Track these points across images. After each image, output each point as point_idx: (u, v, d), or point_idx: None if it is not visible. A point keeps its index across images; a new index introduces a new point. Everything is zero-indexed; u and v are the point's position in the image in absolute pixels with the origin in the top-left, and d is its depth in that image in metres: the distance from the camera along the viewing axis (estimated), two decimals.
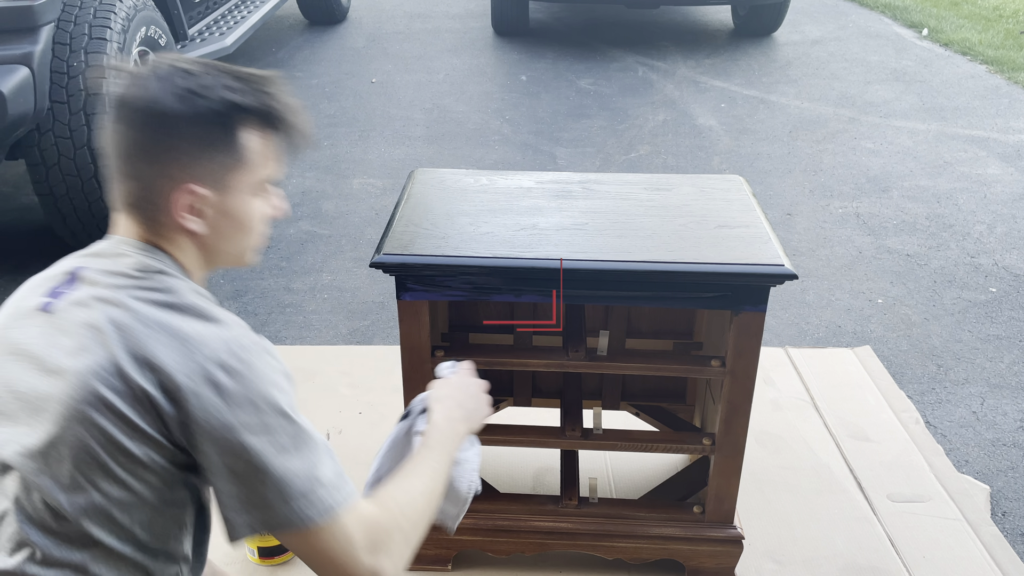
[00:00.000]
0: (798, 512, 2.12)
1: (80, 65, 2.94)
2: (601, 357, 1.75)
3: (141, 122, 1.07)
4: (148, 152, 1.07)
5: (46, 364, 1.04)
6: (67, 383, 1.01)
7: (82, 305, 1.05)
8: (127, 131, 1.07)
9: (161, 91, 1.06)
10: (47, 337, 1.05)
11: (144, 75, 1.07)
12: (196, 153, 1.07)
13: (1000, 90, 5.28)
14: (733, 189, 1.89)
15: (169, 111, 1.06)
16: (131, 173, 1.09)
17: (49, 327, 1.06)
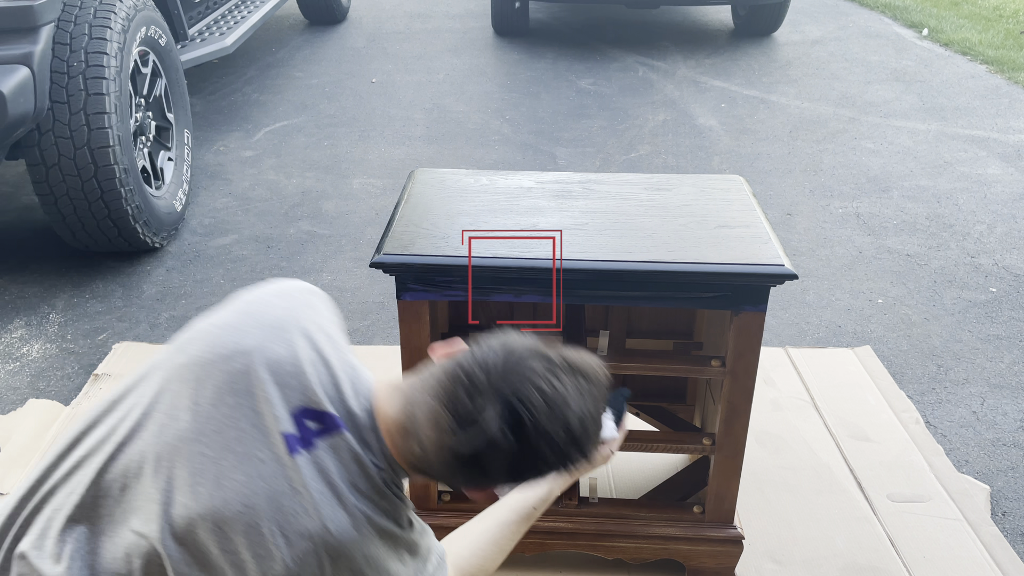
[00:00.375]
0: (798, 512, 2.12)
1: (80, 65, 2.94)
2: (601, 357, 1.75)
3: (493, 470, 1.03)
4: (474, 481, 1.07)
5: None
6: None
7: (323, 484, 1.05)
8: (469, 469, 1.04)
9: (524, 465, 1.03)
10: (274, 480, 1.04)
11: (506, 442, 1.01)
12: (514, 484, 1.09)
13: (1000, 90, 5.28)
14: (733, 189, 1.89)
15: (492, 474, 1.04)
16: (440, 473, 1.06)
17: (284, 476, 1.04)
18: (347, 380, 1.11)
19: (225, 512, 1.02)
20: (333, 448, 1.06)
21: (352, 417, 1.09)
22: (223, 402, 1.06)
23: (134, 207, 3.12)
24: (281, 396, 1.06)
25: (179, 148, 3.67)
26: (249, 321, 1.12)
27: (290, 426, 1.05)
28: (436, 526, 1.88)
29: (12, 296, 3.13)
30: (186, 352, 1.10)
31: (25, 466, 2.26)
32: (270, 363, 1.07)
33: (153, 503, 1.04)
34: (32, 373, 2.71)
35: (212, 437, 1.04)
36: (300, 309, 1.15)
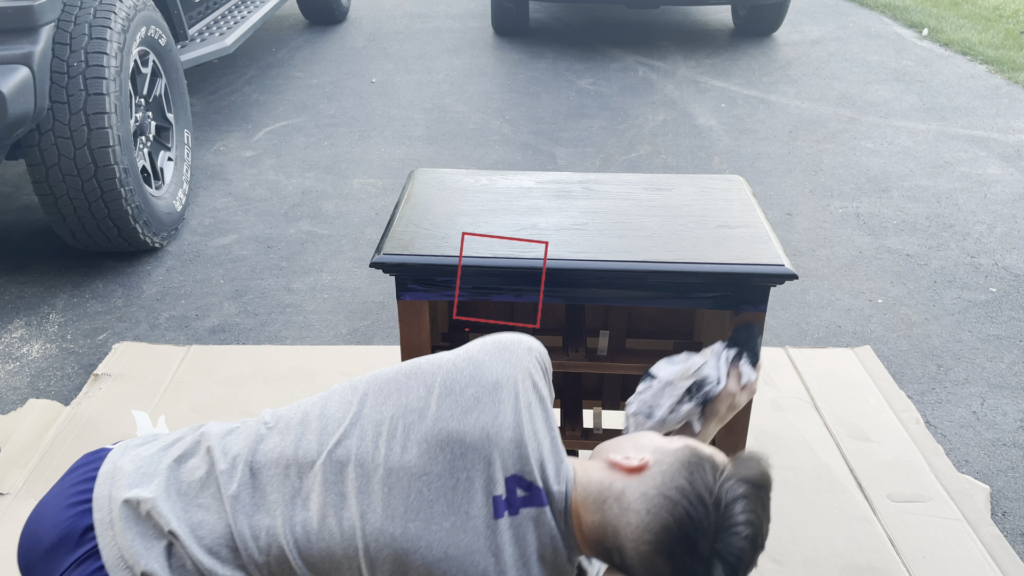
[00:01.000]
0: (798, 512, 2.12)
1: (80, 65, 2.94)
2: (601, 357, 1.75)
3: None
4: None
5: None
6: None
7: (516, 552, 1.12)
8: (646, 569, 1.11)
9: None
10: (474, 542, 1.11)
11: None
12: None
13: (1000, 90, 5.28)
14: (733, 189, 1.89)
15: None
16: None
17: (485, 537, 1.11)
18: (553, 462, 1.17)
19: (426, 555, 1.09)
20: (534, 520, 1.13)
21: (553, 498, 1.15)
22: (450, 450, 1.13)
23: (134, 207, 3.12)
24: (500, 459, 1.14)
25: (179, 148, 3.67)
26: (480, 369, 1.21)
27: (502, 490, 1.13)
28: None
29: (12, 296, 3.13)
30: (438, 416, 1.17)
31: (25, 466, 2.26)
32: (495, 425, 1.15)
33: (359, 520, 1.12)
34: (32, 373, 2.71)
35: (434, 480, 1.12)
36: (533, 373, 1.23)
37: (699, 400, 1.41)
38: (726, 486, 1.11)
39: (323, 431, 1.18)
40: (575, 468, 1.19)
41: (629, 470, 1.16)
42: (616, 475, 1.16)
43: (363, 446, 1.15)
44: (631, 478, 1.15)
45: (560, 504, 1.15)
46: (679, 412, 1.42)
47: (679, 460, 1.14)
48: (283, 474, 1.15)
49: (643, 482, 1.13)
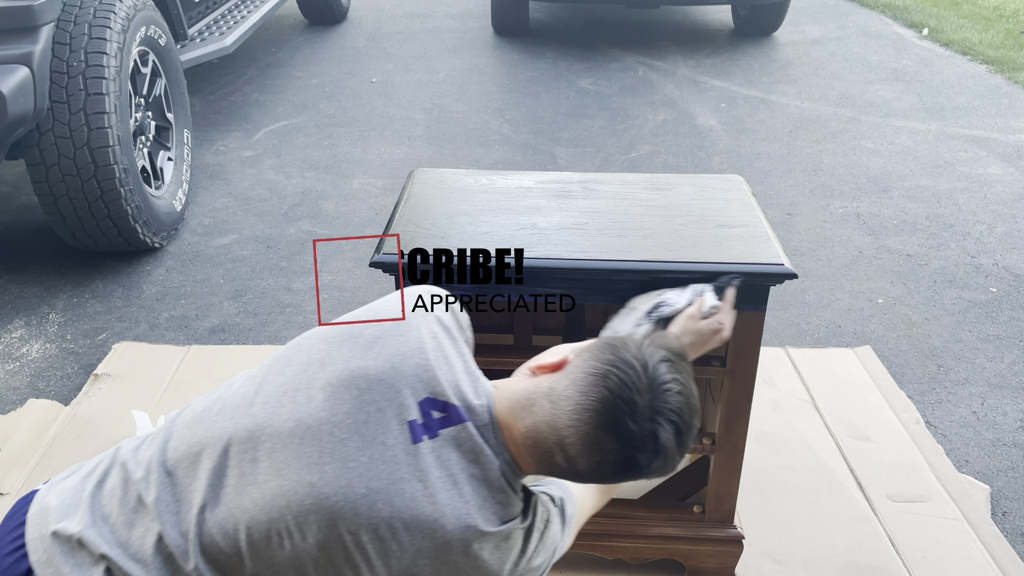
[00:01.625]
0: (798, 512, 2.12)
1: (80, 65, 2.94)
2: None
3: (630, 473, 1.12)
4: (607, 479, 1.14)
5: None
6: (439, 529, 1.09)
7: (443, 473, 1.10)
8: (611, 467, 1.11)
9: (668, 460, 1.12)
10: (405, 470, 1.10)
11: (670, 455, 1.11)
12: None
13: (1000, 90, 5.28)
14: (733, 189, 1.89)
15: (653, 472, 1.13)
16: (578, 473, 1.13)
17: (407, 464, 1.09)
18: (468, 381, 1.16)
19: (348, 494, 1.07)
20: (456, 439, 1.11)
21: (473, 412, 1.13)
22: (355, 386, 1.11)
23: (134, 207, 3.12)
24: (408, 385, 1.12)
25: (179, 148, 3.67)
26: (379, 315, 1.19)
27: (416, 414, 1.11)
28: None
29: (12, 296, 3.13)
30: (331, 367, 1.14)
31: (25, 466, 2.26)
32: (398, 353, 1.13)
33: (276, 478, 1.09)
34: (32, 373, 2.71)
35: (343, 419, 1.09)
36: (438, 312, 1.22)
37: (654, 319, 1.43)
38: (648, 350, 1.12)
39: (229, 410, 1.15)
40: (495, 385, 1.19)
41: (552, 367, 1.16)
42: (539, 378, 1.16)
43: (268, 409, 1.13)
44: (555, 374, 1.15)
45: (483, 417, 1.13)
46: (637, 333, 1.42)
47: (597, 346, 1.15)
48: (195, 462, 1.12)
49: (568, 372, 1.13)
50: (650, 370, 1.11)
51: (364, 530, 1.07)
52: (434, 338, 1.18)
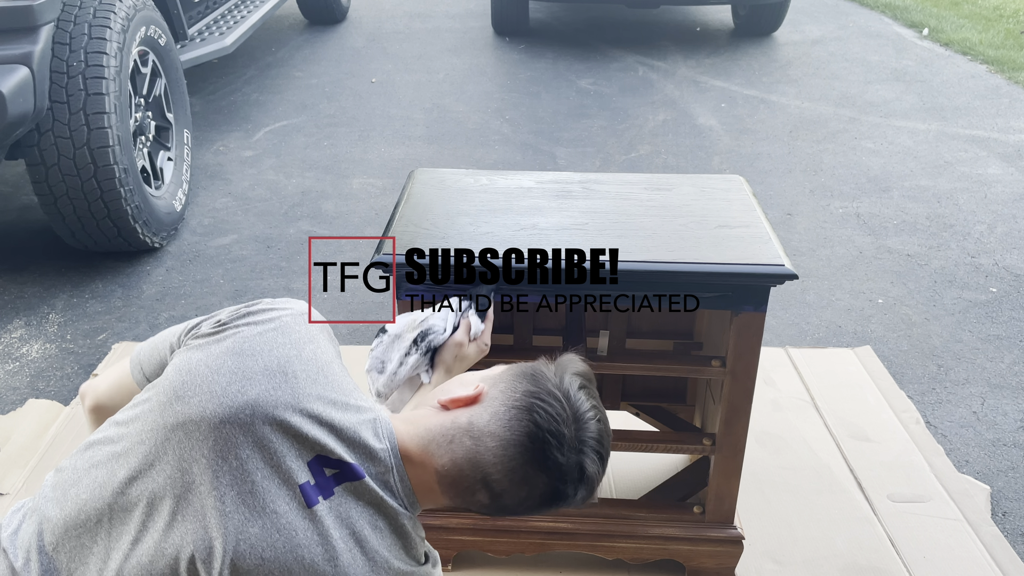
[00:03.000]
0: (798, 512, 2.12)
1: (80, 65, 2.94)
2: (601, 357, 1.75)
3: (556, 504, 1.10)
4: (532, 511, 1.12)
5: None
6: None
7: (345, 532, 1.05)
8: (538, 500, 1.09)
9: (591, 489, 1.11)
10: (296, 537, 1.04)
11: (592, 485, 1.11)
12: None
13: (1000, 90, 5.28)
14: (733, 189, 1.89)
15: (577, 503, 1.11)
16: (502, 508, 1.10)
17: (304, 528, 1.03)
18: (363, 421, 1.09)
19: (240, 565, 1.02)
20: (354, 493, 1.06)
21: (373, 460, 1.07)
22: (236, 457, 1.03)
23: (134, 207, 3.12)
24: (294, 447, 1.04)
25: (179, 148, 3.67)
26: (252, 365, 1.07)
27: (307, 476, 1.04)
28: (436, 526, 1.88)
29: (12, 296, 3.13)
30: (187, 403, 1.05)
31: (24, 466, 2.25)
32: (279, 412, 1.04)
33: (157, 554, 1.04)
34: (32, 373, 2.71)
35: (225, 492, 1.02)
36: (303, 345, 1.11)
37: (424, 349, 1.40)
38: (566, 379, 1.10)
39: (103, 479, 1.08)
40: (394, 422, 1.12)
41: (468, 401, 1.11)
42: (455, 412, 1.11)
43: (146, 479, 1.05)
44: (473, 408, 1.10)
45: (386, 462, 1.07)
46: (407, 364, 1.40)
47: (513, 375, 1.12)
48: (76, 543, 1.07)
49: (488, 406, 1.09)
50: (572, 400, 1.09)
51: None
52: (315, 381, 1.08)
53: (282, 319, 1.14)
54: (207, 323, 1.15)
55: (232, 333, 1.11)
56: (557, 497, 1.08)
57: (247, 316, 1.14)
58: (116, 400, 1.23)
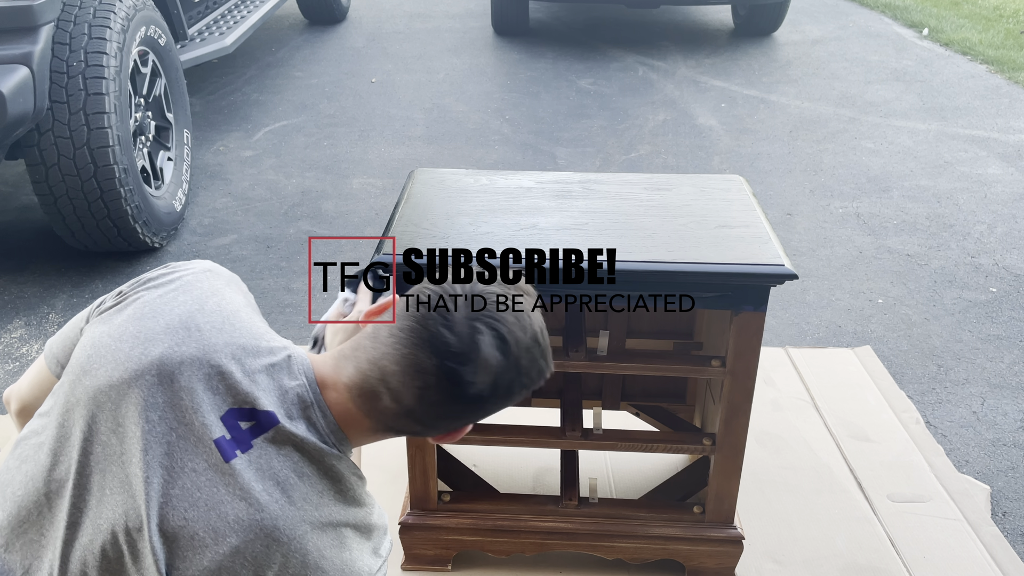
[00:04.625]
0: (798, 512, 2.12)
1: (80, 65, 2.94)
2: (601, 357, 1.75)
3: (481, 405, 1.03)
4: (463, 418, 1.05)
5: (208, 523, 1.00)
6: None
7: (268, 483, 1.01)
8: (458, 405, 1.02)
9: (512, 390, 1.03)
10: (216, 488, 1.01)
11: (498, 366, 1.01)
12: (479, 417, 1.07)
13: (1000, 90, 5.28)
14: (733, 189, 1.89)
15: (510, 403, 1.05)
16: (424, 422, 1.04)
17: (224, 484, 1.00)
18: (276, 363, 1.05)
19: (166, 528, 0.99)
20: (273, 442, 1.02)
21: (289, 401, 1.04)
22: (147, 420, 1.00)
23: (134, 207, 3.12)
24: (207, 401, 1.01)
25: (179, 148, 3.67)
26: (153, 326, 1.04)
27: (222, 431, 1.01)
28: (436, 526, 1.88)
29: (12, 296, 3.13)
30: (94, 375, 1.03)
31: None
32: (186, 368, 1.01)
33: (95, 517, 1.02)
34: None
35: (142, 456, 1.00)
36: (205, 299, 1.08)
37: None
38: (472, 282, 1.05)
39: (33, 471, 1.07)
40: (310, 356, 1.09)
41: (380, 310, 1.09)
42: (366, 326, 1.07)
43: (67, 459, 1.03)
44: (383, 315, 1.08)
45: (305, 398, 1.04)
46: (329, 313, 1.40)
47: (416, 288, 1.08)
48: (26, 539, 1.06)
49: (394, 309, 1.07)
50: (474, 288, 1.03)
51: (192, 563, 1.00)
52: (221, 331, 1.05)
53: (183, 278, 1.11)
54: (110, 297, 1.13)
55: (132, 300, 1.09)
56: (456, 383, 0.99)
57: (147, 282, 1.12)
58: (39, 397, 1.22)
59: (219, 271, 1.16)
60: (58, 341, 1.18)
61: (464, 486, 1.98)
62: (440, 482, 1.95)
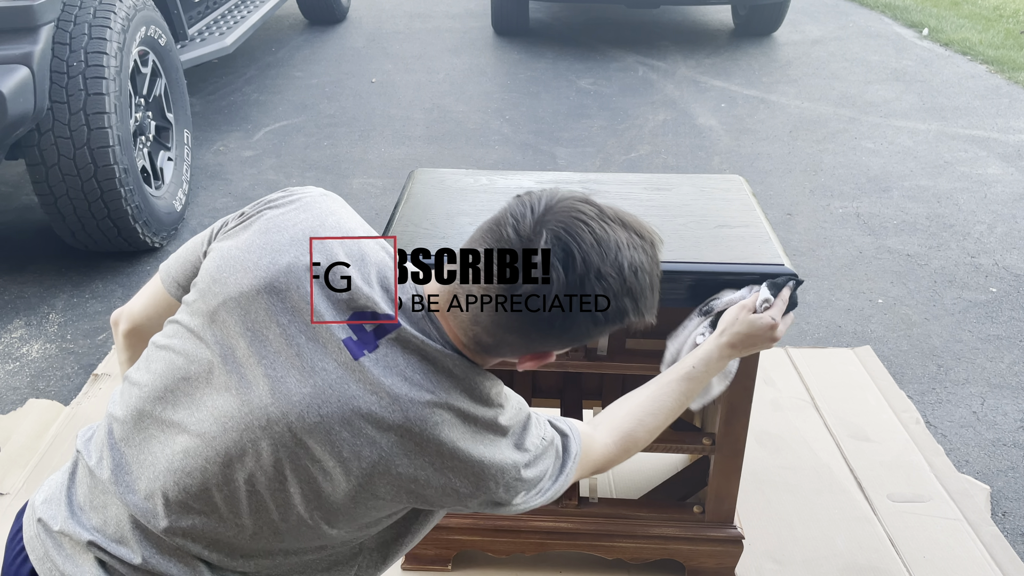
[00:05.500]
0: (798, 512, 2.12)
1: (80, 65, 2.94)
2: (601, 357, 1.75)
3: (544, 322, 1.02)
4: (531, 337, 1.05)
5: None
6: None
7: (397, 378, 1.04)
8: (520, 320, 1.02)
9: (576, 305, 1.01)
10: (357, 393, 1.04)
11: (560, 275, 1.00)
12: (575, 340, 1.07)
13: (1000, 90, 5.28)
14: (733, 189, 1.89)
15: (577, 323, 1.03)
16: (498, 337, 1.05)
17: (355, 380, 1.04)
18: (391, 274, 1.10)
19: (300, 425, 1.03)
20: (397, 342, 1.06)
21: (406, 309, 1.08)
22: (276, 323, 1.05)
23: (134, 207, 3.12)
24: (331, 305, 1.06)
25: (179, 148, 3.67)
26: (279, 238, 1.10)
27: (347, 332, 1.05)
28: (436, 526, 1.88)
29: (12, 296, 3.13)
30: (224, 283, 1.08)
31: (25, 466, 2.25)
32: (311, 276, 1.07)
33: (220, 418, 1.06)
34: (32, 373, 2.71)
35: (273, 359, 1.04)
36: (325, 216, 1.13)
37: (702, 310, 1.44)
38: (583, 197, 1.07)
39: (161, 370, 1.11)
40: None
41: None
42: None
43: (197, 361, 1.08)
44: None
45: (420, 308, 1.07)
46: (687, 327, 1.44)
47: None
48: (138, 428, 1.10)
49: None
50: (562, 198, 1.03)
51: (328, 456, 1.04)
52: (342, 243, 1.10)
53: (303, 199, 1.15)
54: (232, 218, 1.18)
55: (257, 218, 1.14)
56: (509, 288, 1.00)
57: (269, 203, 1.16)
58: (153, 318, 1.25)
59: (334, 195, 1.20)
60: (175, 263, 1.22)
61: None
62: None
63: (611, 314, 1.04)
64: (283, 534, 1.08)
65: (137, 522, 1.08)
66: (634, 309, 1.07)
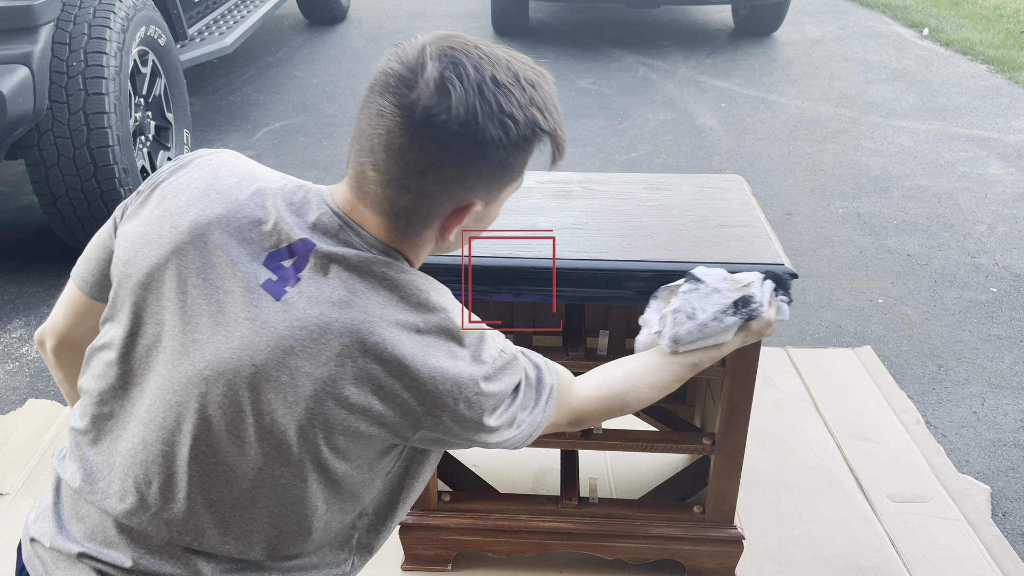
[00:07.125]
0: (798, 512, 2.12)
1: (79, 65, 2.94)
2: (601, 357, 1.75)
3: (451, 146, 0.97)
4: (445, 173, 0.99)
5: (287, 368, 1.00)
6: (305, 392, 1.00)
7: (324, 305, 1.00)
8: (427, 147, 0.97)
9: (481, 114, 0.96)
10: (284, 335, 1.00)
11: (455, 85, 0.96)
12: (491, 175, 1.02)
13: (1001, 90, 5.28)
14: (733, 189, 1.89)
15: (487, 139, 0.97)
16: (412, 187, 1.00)
17: (281, 321, 1.00)
18: (296, 200, 1.06)
19: (238, 380, 1.00)
20: (318, 268, 1.02)
21: (320, 230, 1.04)
22: (192, 285, 1.02)
23: None
24: (245, 252, 1.03)
25: (179, 148, 3.67)
26: (176, 203, 1.07)
27: (266, 274, 1.02)
28: (436, 526, 1.88)
29: (12, 296, 3.13)
30: (136, 265, 1.06)
31: (25, 466, 2.25)
32: (216, 227, 1.04)
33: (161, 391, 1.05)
34: (31, 373, 2.71)
35: (196, 322, 1.02)
36: (218, 168, 1.11)
37: (744, 316, 1.42)
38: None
39: (102, 372, 1.10)
40: (329, 187, 1.09)
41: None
42: None
43: (135, 344, 1.06)
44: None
45: (333, 222, 1.03)
46: (723, 322, 1.41)
47: None
48: (100, 432, 1.09)
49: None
50: (446, 36, 1.00)
51: (275, 398, 1.01)
52: (241, 188, 1.07)
53: (192, 161, 1.13)
54: (130, 200, 1.16)
55: (151, 192, 1.12)
56: (407, 110, 0.96)
57: (160, 173, 1.14)
58: (78, 326, 1.24)
59: (227, 150, 1.18)
60: (84, 264, 1.21)
61: (464, 486, 1.98)
62: (440, 482, 1.95)
63: (521, 123, 0.99)
64: (261, 502, 1.05)
65: (122, 525, 1.07)
66: (544, 120, 1.02)
